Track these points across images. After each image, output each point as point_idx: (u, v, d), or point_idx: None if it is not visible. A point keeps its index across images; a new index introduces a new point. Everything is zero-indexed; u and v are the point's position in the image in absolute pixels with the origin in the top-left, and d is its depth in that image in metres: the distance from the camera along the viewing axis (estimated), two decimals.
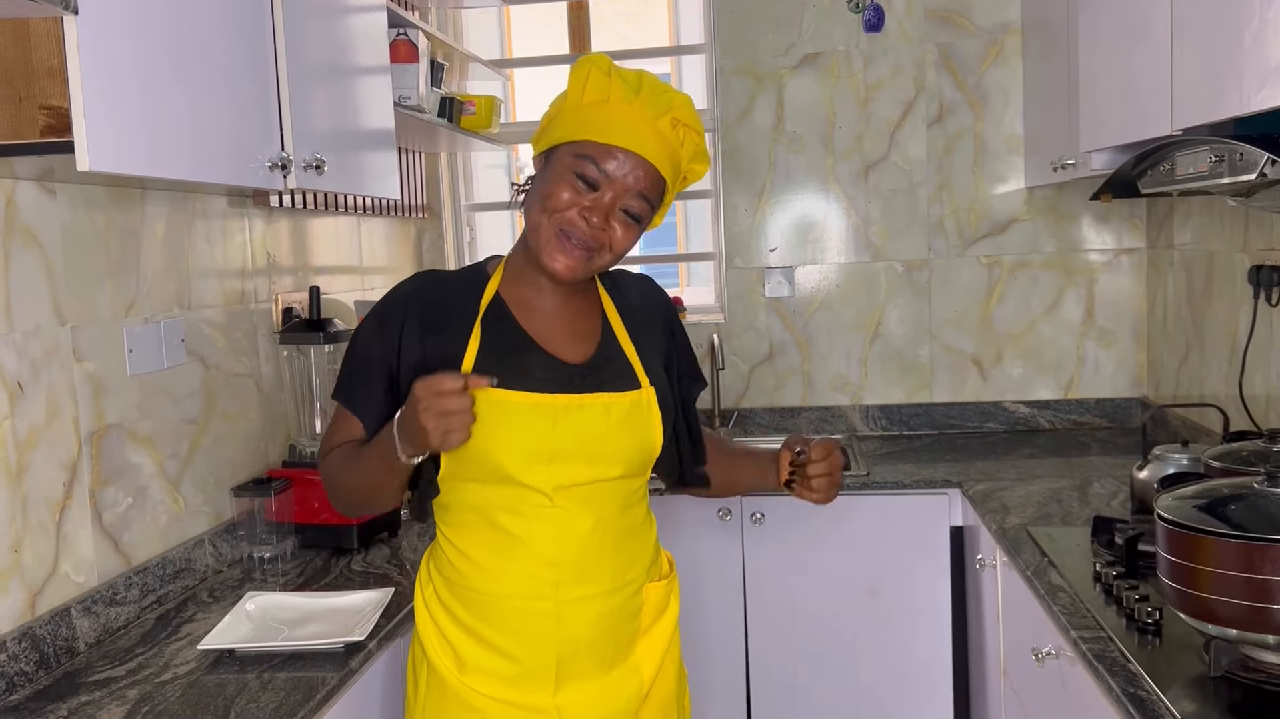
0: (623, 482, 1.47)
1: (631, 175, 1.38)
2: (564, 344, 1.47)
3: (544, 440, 1.39)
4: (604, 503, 1.46)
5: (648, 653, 1.53)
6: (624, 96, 1.39)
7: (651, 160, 1.39)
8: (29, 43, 1.37)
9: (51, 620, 1.70)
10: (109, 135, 1.35)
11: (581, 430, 1.42)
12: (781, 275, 3.32)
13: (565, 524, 1.42)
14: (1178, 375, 2.92)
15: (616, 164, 1.37)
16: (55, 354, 1.76)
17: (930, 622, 2.73)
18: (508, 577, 1.44)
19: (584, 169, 1.38)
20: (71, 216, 1.81)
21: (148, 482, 1.99)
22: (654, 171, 1.40)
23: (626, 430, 1.45)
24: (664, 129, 1.40)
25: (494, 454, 1.39)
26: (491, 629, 1.45)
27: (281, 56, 1.84)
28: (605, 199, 1.38)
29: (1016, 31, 3.15)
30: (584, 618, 1.45)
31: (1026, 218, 3.22)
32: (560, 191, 1.38)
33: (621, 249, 1.42)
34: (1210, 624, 1.38)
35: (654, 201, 1.42)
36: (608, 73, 1.41)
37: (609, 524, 1.46)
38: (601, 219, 1.39)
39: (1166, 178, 1.93)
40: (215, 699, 1.56)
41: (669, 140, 1.41)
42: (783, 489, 1.54)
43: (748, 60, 3.27)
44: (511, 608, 1.44)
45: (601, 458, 1.44)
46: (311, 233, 2.69)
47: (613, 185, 1.38)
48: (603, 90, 1.40)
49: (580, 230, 1.39)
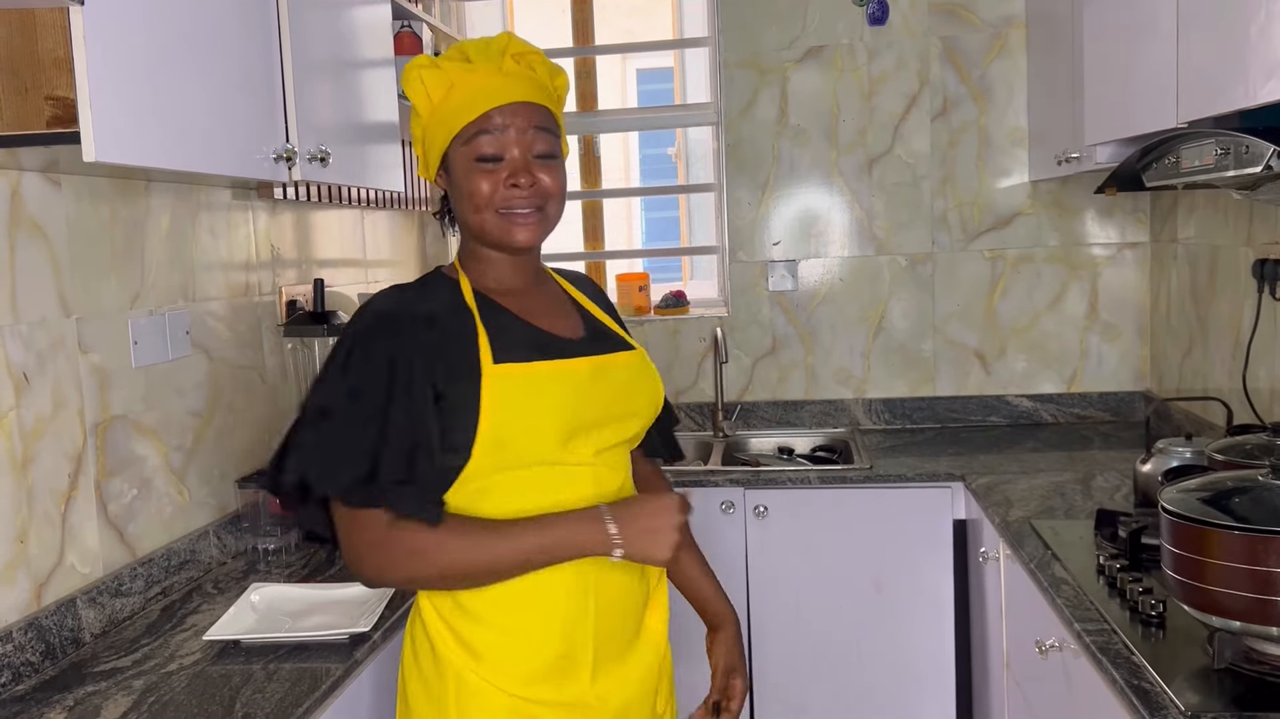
0: (634, 442, 1.50)
1: (519, 122, 1.38)
2: (553, 322, 1.46)
3: (583, 405, 1.38)
4: (625, 462, 1.47)
5: (657, 619, 1.51)
6: (461, 70, 1.39)
7: (523, 98, 1.38)
8: (35, 33, 1.37)
9: (57, 611, 1.70)
10: (114, 126, 1.35)
11: (612, 389, 1.43)
12: (785, 269, 3.32)
13: (600, 488, 1.41)
14: (1181, 369, 2.92)
15: (499, 124, 1.37)
16: (61, 346, 1.76)
17: (933, 615, 2.73)
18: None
19: (478, 149, 1.37)
20: (76, 208, 1.81)
21: (153, 473, 1.99)
22: (533, 106, 1.39)
23: (643, 386, 1.48)
24: (511, 69, 1.40)
25: (534, 429, 1.34)
26: (525, 620, 1.35)
27: (286, 48, 1.84)
28: (515, 156, 1.38)
29: (1021, 24, 3.14)
30: (614, 587, 1.41)
31: (1030, 211, 3.21)
32: (478, 184, 1.38)
33: (558, 189, 1.42)
34: (1214, 616, 1.38)
35: (554, 129, 1.42)
36: (433, 65, 1.41)
37: (628, 485, 1.47)
38: (527, 175, 1.37)
39: (1171, 171, 1.92)
40: (221, 690, 1.56)
41: (522, 74, 1.41)
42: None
43: (751, 53, 3.27)
44: (554, 593, 1.36)
45: (628, 415, 1.45)
46: (315, 225, 2.69)
47: (511, 143, 1.37)
48: (442, 80, 1.40)
49: (518, 199, 1.38)
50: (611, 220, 3.73)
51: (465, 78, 1.39)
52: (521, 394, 1.34)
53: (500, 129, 1.37)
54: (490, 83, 1.38)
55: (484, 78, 1.38)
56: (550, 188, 1.40)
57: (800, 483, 2.76)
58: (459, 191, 1.41)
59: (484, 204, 1.38)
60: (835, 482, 2.76)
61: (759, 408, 3.35)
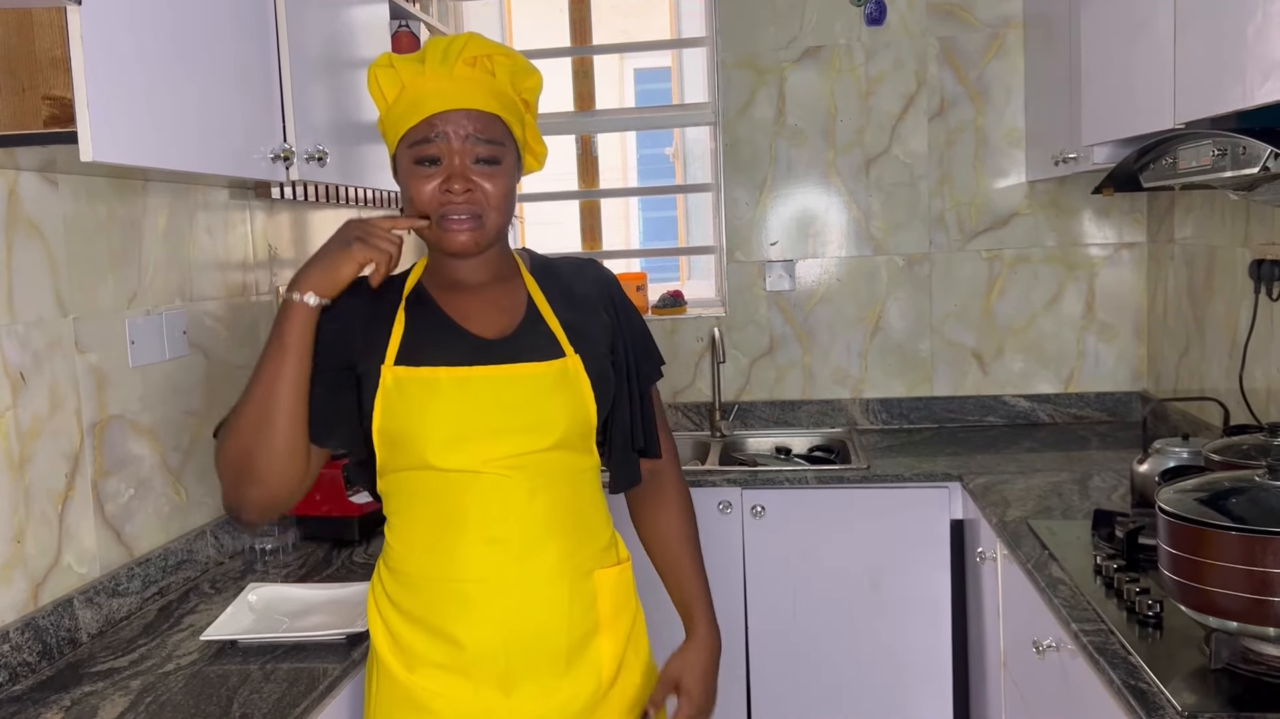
0: (559, 454, 1.43)
1: (458, 129, 1.38)
2: (484, 322, 1.45)
3: (470, 414, 1.38)
4: (542, 475, 1.42)
5: (609, 649, 1.48)
6: (413, 73, 1.40)
7: (468, 105, 1.38)
8: (32, 33, 1.37)
9: (54, 611, 1.70)
10: (112, 126, 1.35)
11: (511, 401, 1.40)
12: (782, 269, 3.32)
13: (502, 498, 1.39)
14: (1178, 369, 2.93)
15: (438, 128, 1.37)
16: (58, 345, 1.76)
17: (930, 615, 2.73)
18: (450, 558, 1.40)
19: (418, 152, 1.39)
20: (74, 208, 1.81)
21: (150, 473, 1.99)
22: (478, 114, 1.39)
23: (556, 398, 1.42)
24: (463, 74, 1.39)
25: (418, 435, 1.38)
26: (438, 617, 1.41)
27: (284, 48, 1.84)
28: (454, 163, 1.38)
29: (1018, 25, 3.14)
30: (529, 600, 1.41)
31: (1028, 212, 3.22)
32: (418, 187, 1.39)
33: (499, 198, 1.41)
34: (1211, 617, 1.39)
35: (502, 139, 1.41)
36: (389, 65, 1.42)
37: (551, 498, 1.42)
38: (462, 181, 1.37)
39: (1168, 171, 1.93)
40: (218, 690, 1.56)
41: (475, 80, 1.40)
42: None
43: (749, 53, 3.27)
44: (456, 591, 1.40)
45: (531, 428, 1.41)
46: (313, 225, 2.69)
47: (448, 148, 1.38)
48: (394, 81, 1.41)
49: (455, 205, 1.38)
50: (609, 220, 3.73)
51: (415, 80, 1.40)
52: (408, 398, 1.38)
53: (439, 134, 1.37)
54: (436, 87, 1.39)
55: (432, 81, 1.39)
56: (489, 195, 1.39)
57: (797, 483, 2.77)
58: (403, 192, 1.43)
59: (422, 207, 1.40)
60: (832, 482, 2.76)
61: (756, 408, 3.35)
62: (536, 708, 1.42)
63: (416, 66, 1.40)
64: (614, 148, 5.92)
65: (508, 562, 1.40)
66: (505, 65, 1.43)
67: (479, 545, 1.40)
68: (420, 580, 1.42)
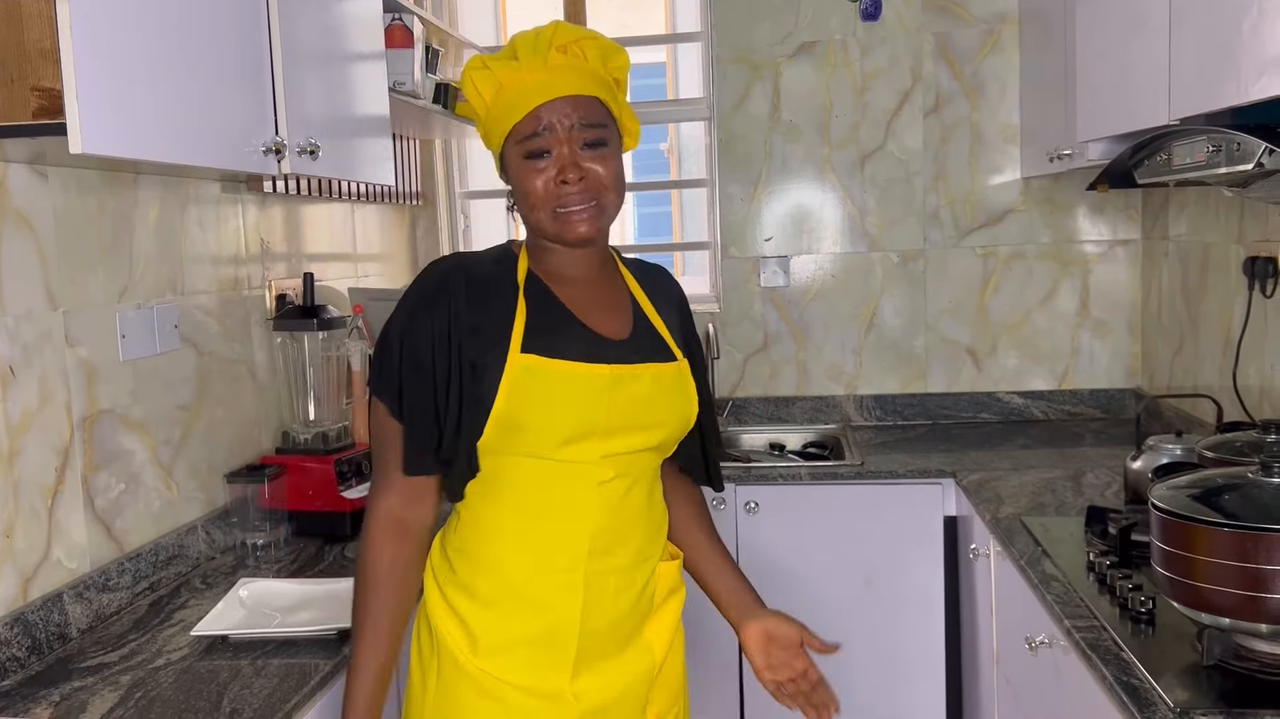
0: (655, 452, 1.48)
1: (562, 117, 1.38)
2: (601, 319, 1.46)
3: (597, 411, 1.39)
4: (638, 471, 1.45)
5: (658, 632, 1.53)
6: (509, 70, 1.40)
7: (569, 92, 1.38)
8: (21, 24, 1.36)
9: (44, 606, 1.69)
10: (101, 117, 1.34)
11: (634, 400, 1.42)
12: (777, 265, 3.31)
13: (603, 492, 1.42)
14: (1172, 366, 2.93)
15: (544, 120, 1.38)
16: (47, 339, 1.75)
17: (924, 611, 2.73)
18: (542, 547, 1.42)
19: (527, 147, 1.39)
20: (64, 200, 1.80)
21: (140, 468, 1.98)
22: (580, 99, 1.39)
23: (672, 398, 1.46)
24: (558, 62, 1.40)
25: (543, 425, 1.37)
26: (518, 605, 1.42)
27: (276, 40, 1.83)
28: (563, 153, 1.38)
29: (1014, 21, 3.14)
30: (608, 591, 1.43)
31: (1022, 208, 3.21)
32: (531, 183, 1.39)
33: (612, 179, 1.42)
34: (1204, 613, 1.39)
35: (605, 120, 1.42)
36: (484, 66, 1.42)
37: (640, 494, 1.46)
38: (575, 170, 1.38)
39: (1163, 168, 1.92)
40: (208, 685, 1.56)
41: (570, 66, 1.40)
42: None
43: (744, 48, 3.26)
44: (542, 581, 1.42)
45: (648, 426, 1.44)
46: (305, 219, 2.68)
47: (556, 139, 1.38)
48: (491, 81, 1.41)
49: (571, 195, 1.38)
50: None
51: (512, 76, 1.40)
52: (537, 387, 1.37)
53: (546, 127, 1.38)
54: (534, 80, 1.39)
55: (529, 74, 1.39)
56: (603, 178, 1.40)
57: (791, 479, 2.76)
58: (516, 189, 1.43)
59: (539, 202, 1.39)
60: (826, 478, 2.76)
61: (750, 404, 3.35)
62: (598, 691, 1.45)
63: (511, 63, 1.40)
64: None
65: (595, 552, 1.42)
66: (594, 47, 1.43)
67: (570, 536, 1.41)
68: (502, 566, 1.42)
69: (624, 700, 1.48)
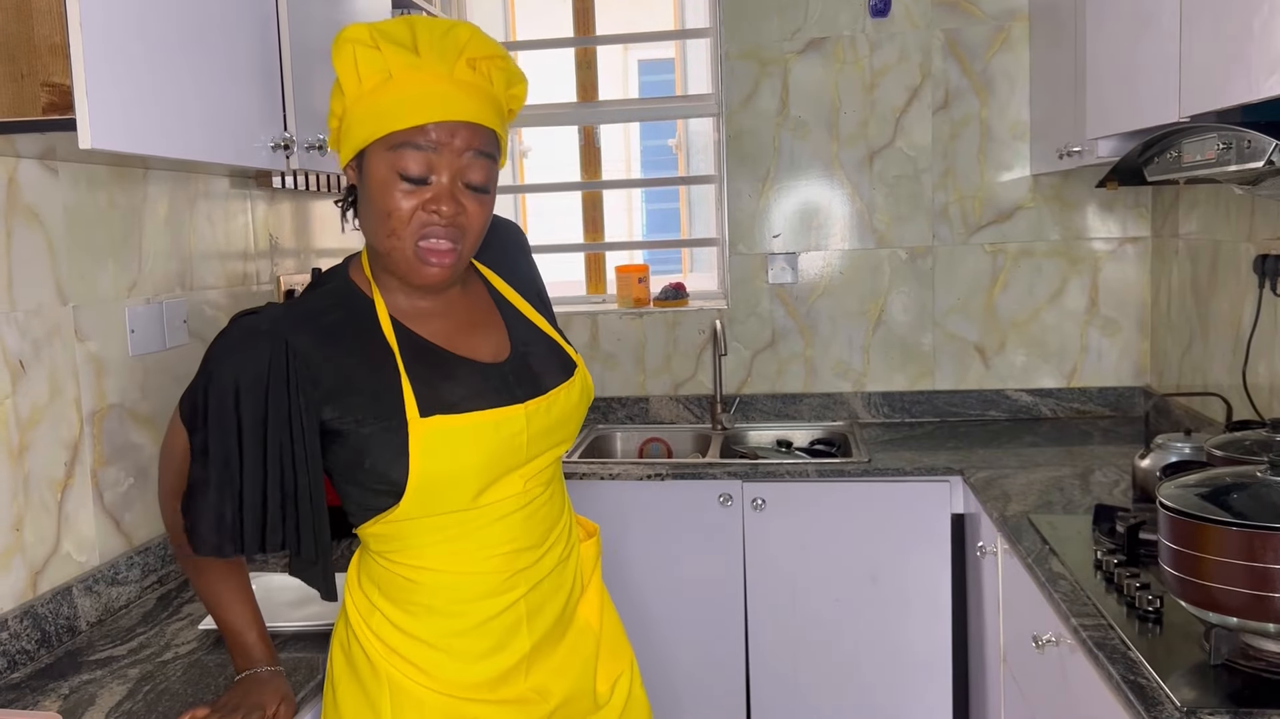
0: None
1: (458, 141, 1.23)
2: (475, 346, 1.34)
3: (517, 452, 1.32)
4: (555, 473, 1.42)
5: (590, 607, 1.49)
6: (405, 63, 1.22)
7: (468, 118, 1.23)
8: (31, 19, 1.36)
9: (53, 599, 1.70)
10: (111, 113, 1.35)
11: (550, 425, 1.36)
12: (785, 261, 3.31)
13: (531, 509, 1.37)
14: (1181, 364, 2.92)
15: (434, 141, 1.22)
16: (57, 333, 1.76)
17: (930, 609, 2.73)
18: (477, 579, 1.33)
19: (404, 166, 1.22)
20: (74, 195, 1.80)
21: (149, 462, 1.99)
22: (478, 128, 1.24)
23: (579, 410, 1.42)
24: (464, 76, 1.24)
25: (463, 481, 1.28)
26: (460, 640, 1.34)
27: (285, 36, 1.83)
28: (443, 183, 1.23)
29: (1024, 17, 3.13)
30: (545, 592, 1.39)
31: (1031, 205, 3.20)
32: (395, 203, 1.23)
33: (479, 225, 1.28)
34: (1211, 612, 1.38)
35: (494, 154, 1.27)
36: (373, 44, 1.23)
37: (556, 491, 1.43)
38: (450, 205, 1.23)
39: (1173, 165, 1.92)
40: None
41: (475, 84, 1.24)
42: None
43: (753, 44, 3.25)
44: (483, 610, 1.33)
45: (561, 440, 1.40)
46: (314, 215, 2.68)
47: (444, 164, 1.23)
48: (379, 66, 1.23)
49: (437, 229, 1.24)
50: (612, 212, 3.72)
51: (407, 74, 1.22)
52: (451, 448, 1.26)
53: (433, 147, 1.22)
54: (435, 90, 1.22)
55: (429, 81, 1.22)
56: (474, 219, 1.27)
57: (798, 476, 2.76)
58: (372, 201, 1.26)
59: (399, 228, 1.24)
60: (833, 475, 2.76)
61: (758, 400, 3.35)
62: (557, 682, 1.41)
63: (410, 57, 1.23)
64: (617, 139, 5.90)
65: (530, 565, 1.37)
66: (502, 71, 1.28)
67: (507, 558, 1.34)
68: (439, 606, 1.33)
69: (582, 682, 1.45)
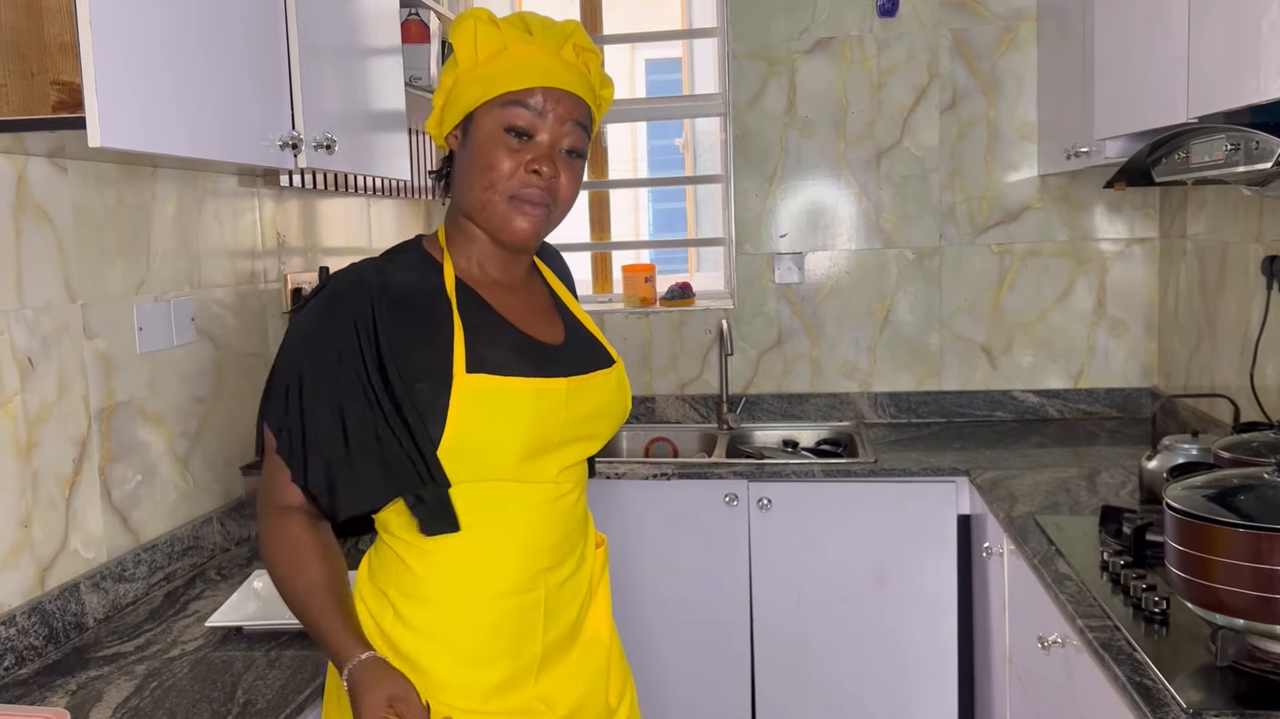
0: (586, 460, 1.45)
1: (561, 108, 1.31)
2: (536, 325, 1.39)
3: (553, 427, 1.32)
4: (582, 478, 1.43)
5: (599, 617, 1.48)
6: (520, 39, 1.33)
7: (572, 90, 1.33)
8: (41, 18, 1.37)
9: (61, 596, 1.71)
10: (120, 111, 1.35)
11: (585, 410, 1.36)
12: (791, 261, 3.31)
13: (561, 506, 1.37)
14: (1188, 366, 2.91)
15: (542, 104, 1.31)
16: (66, 331, 1.76)
17: (936, 609, 2.73)
18: (503, 575, 1.32)
19: (512, 119, 1.30)
20: (82, 193, 1.81)
21: (157, 460, 2.00)
22: (579, 100, 1.34)
23: (616, 403, 1.42)
24: (569, 58, 1.34)
25: (501, 446, 1.28)
26: (475, 637, 1.32)
27: (293, 35, 1.84)
28: (545, 142, 1.31)
29: (1031, 18, 3.12)
30: (563, 599, 1.38)
31: (1039, 205, 3.20)
32: (499, 159, 1.30)
33: (568, 196, 1.35)
34: (1218, 614, 1.38)
35: (589, 130, 1.37)
36: (492, 23, 1.33)
37: (582, 498, 1.43)
38: (550, 166, 1.31)
39: (1181, 166, 1.91)
40: (223, 676, 1.57)
41: (577, 68, 1.35)
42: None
43: (760, 44, 3.25)
44: (503, 608, 1.32)
45: (596, 434, 1.40)
46: (321, 213, 2.69)
47: (547, 126, 1.31)
48: (496, 40, 1.33)
49: (534, 189, 1.31)
50: (618, 211, 3.73)
51: (520, 47, 1.33)
52: (491, 409, 1.27)
53: (540, 109, 1.31)
54: (545, 60, 1.32)
55: (539, 55, 1.32)
56: (566, 189, 1.34)
57: (804, 476, 2.76)
58: (473, 159, 1.32)
59: (499, 181, 1.30)
60: (839, 475, 2.76)
61: (764, 400, 3.35)
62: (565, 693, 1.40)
63: (523, 34, 1.33)
64: (624, 138, 5.91)
65: (553, 566, 1.36)
66: (598, 66, 1.39)
67: (530, 557, 1.33)
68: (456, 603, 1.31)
69: (591, 695, 1.44)
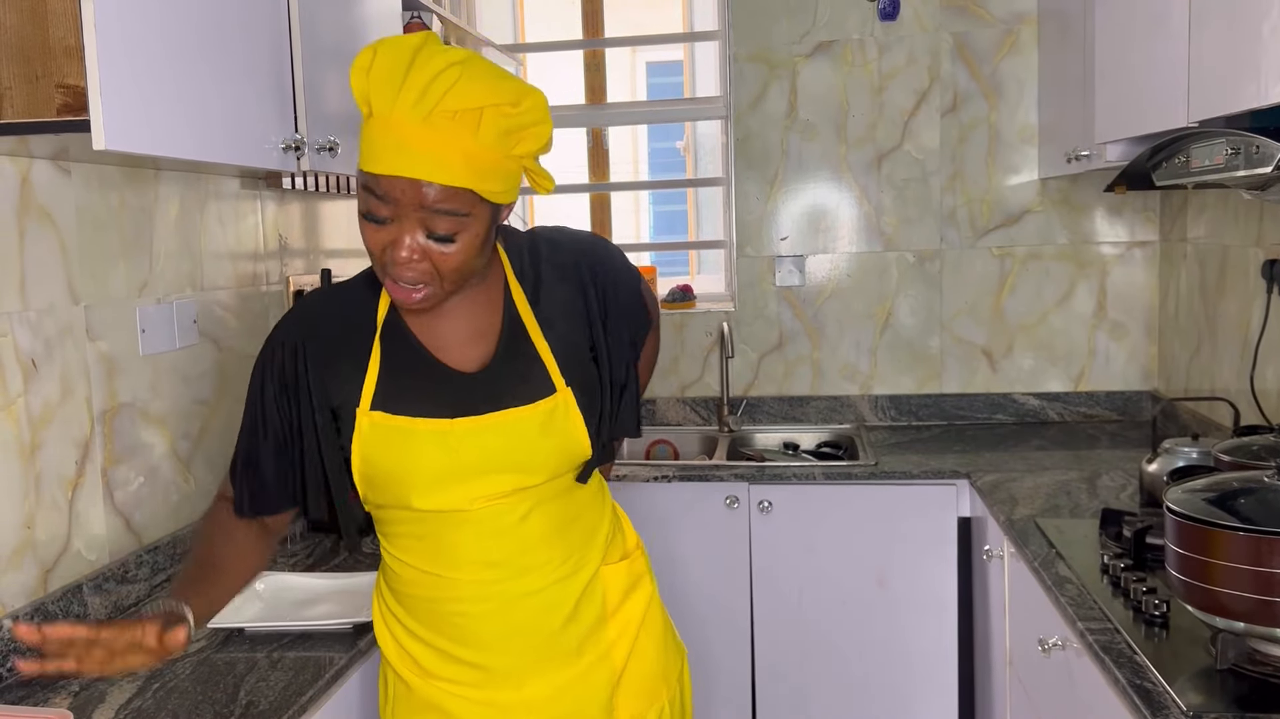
0: (550, 483, 1.38)
1: (409, 197, 1.19)
2: (462, 350, 1.36)
3: (446, 465, 1.33)
4: (532, 500, 1.38)
5: (620, 635, 1.47)
6: (385, 100, 1.17)
7: (426, 178, 1.17)
8: (46, 21, 1.37)
9: (63, 597, 1.71)
10: (124, 114, 1.36)
11: (488, 450, 1.33)
12: (792, 264, 3.31)
13: (494, 526, 1.36)
14: (1189, 369, 2.91)
15: (390, 193, 1.19)
16: (69, 333, 1.77)
17: (937, 612, 2.73)
18: (448, 584, 1.38)
19: (367, 205, 1.22)
20: (86, 196, 1.82)
21: (159, 461, 2.00)
22: (433, 188, 1.18)
23: (544, 441, 1.35)
24: (441, 126, 1.17)
25: (398, 483, 1.34)
26: (445, 638, 1.42)
27: (296, 38, 1.84)
28: (402, 230, 1.21)
29: (1032, 21, 3.13)
30: (533, 611, 1.40)
31: (1039, 209, 3.20)
32: (366, 237, 1.25)
33: (454, 266, 1.24)
34: (1218, 617, 1.38)
35: (464, 209, 1.21)
36: (366, 70, 1.19)
37: (544, 515, 1.39)
38: (409, 252, 1.22)
39: (1182, 170, 1.92)
40: (225, 677, 1.57)
41: (454, 136, 1.17)
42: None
43: (762, 47, 3.26)
44: (458, 613, 1.39)
45: (518, 468, 1.35)
46: (323, 215, 2.69)
47: (400, 216, 1.20)
48: (362, 98, 1.21)
49: (401, 271, 1.23)
50: (619, 213, 3.73)
51: (383, 111, 1.19)
52: (387, 445, 1.33)
53: (386, 197, 1.20)
54: (397, 138, 1.17)
55: (400, 126, 1.17)
56: (445, 263, 1.24)
57: (805, 478, 2.76)
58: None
59: (371, 257, 1.28)
60: (840, 478, 2.76)
61: (764, 403, 3.35)
62: (552, 702, 1.42)
63: (389, 94, 1.17)
64: (625, 141, 5.92)
65: (505, 579, 1.38)
66: (496, 123, 1.19)
67: (474, 570, 1.38)
68: (420, 603, 1.42)
69: (584, 710, 1.44)
